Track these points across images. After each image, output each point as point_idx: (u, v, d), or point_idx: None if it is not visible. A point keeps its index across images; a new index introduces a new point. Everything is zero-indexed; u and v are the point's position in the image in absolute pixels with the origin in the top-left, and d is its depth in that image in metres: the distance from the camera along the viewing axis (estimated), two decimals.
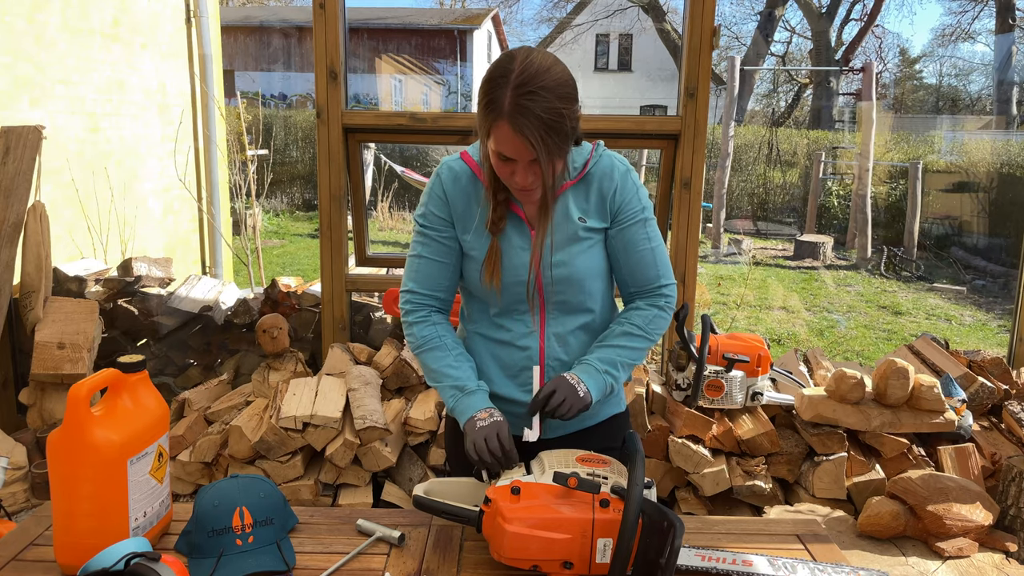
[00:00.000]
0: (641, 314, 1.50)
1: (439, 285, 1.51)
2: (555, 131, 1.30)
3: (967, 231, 11.27)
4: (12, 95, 4.25)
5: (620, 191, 1.46)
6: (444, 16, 24.33)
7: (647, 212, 1.49)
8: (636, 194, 1.47)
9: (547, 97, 1.28)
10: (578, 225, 1.45)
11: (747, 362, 2.76)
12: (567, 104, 1.31)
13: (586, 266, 1.46)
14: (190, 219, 6.23)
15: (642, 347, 1.49)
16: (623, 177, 1.47)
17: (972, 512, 2.44)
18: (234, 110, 7.13)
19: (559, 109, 1.29)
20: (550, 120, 1.28)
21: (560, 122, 1.30)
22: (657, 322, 1.49)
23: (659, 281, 1.50)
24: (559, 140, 1.31)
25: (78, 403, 1.25)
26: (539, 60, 1.31)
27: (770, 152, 13.80)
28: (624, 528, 1.19)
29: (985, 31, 24.33)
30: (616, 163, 1.48)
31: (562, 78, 1.32)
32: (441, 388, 1.48)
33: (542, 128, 1.28)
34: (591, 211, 1.46)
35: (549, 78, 1.29)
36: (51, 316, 3.29)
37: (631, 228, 1.47)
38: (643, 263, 1.49)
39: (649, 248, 1.48)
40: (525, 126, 1.28)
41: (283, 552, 1.35)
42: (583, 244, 1.46)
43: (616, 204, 1.46)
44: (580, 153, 1.47)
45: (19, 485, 2.96)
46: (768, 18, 19.14)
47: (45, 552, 1.38)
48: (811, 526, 1.54)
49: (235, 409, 3.02)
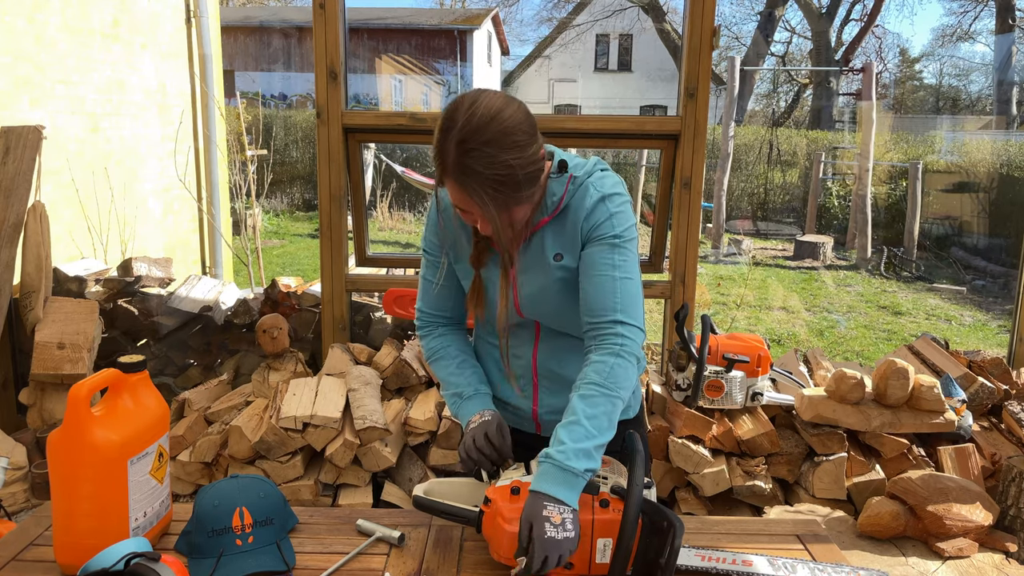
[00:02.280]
0: (596, 368, 1.30)
1: (444, 305, 1.55)
2: (505, 184, 1.23)
3: (967, 231, 11.27)
4: (12, 95, 4.25)
5: (589, 216, 1.35)
6: (444, 16, 24.33)
7: (621, 239, 1.35)
8: (608, 219, 1.35)
9: (490, 152, 1.21)
10: (553, 265, 1.38)
11: (747, 362, 2.76)
12: (517, 153, 1.23)
13: (562, 304, 1.41)
14: (190, 219, 6.23)
15: (608, 410, 1.28)
16: (594, 204, 1.35)
17: (972, 512, 2.44)
18: (234, 110, 7.13)
19: (506, 162, 1.22)
20: (496, 176, 1.22)
21: (509, 174, 1.22)
22: (617, 372, 1.29)
23: (612, 315, 1.32)
24: (510, 191, 1.24)
25: (78, 403, 1.25)
26: (484, 108, 1.22)
27: (770, 152, 13.81)
28: (624, 528, 1.19)
29: (985, 31, 24.35)
30: (591, 190, 1.36)
31: (510, 125, 1.23)
32: (446, 396, 1.52)
33: (488, 185, 1.22)
34: (568, 246, 1.38)
35: (494, 128, 1.21)
36: (51, 316, 3.29)
37: (595, 249, 1.35)
38: (600, 290, 1.33)
39: (610, 276, 1.33)
40: (468, 184, 1.23)
41: (283, 552, 1.35)
42: (559, 284, 1.39)
43: (586, 230, 1.36)
44: (560, 183, 1.37)
45: (19, 485, 2.96)
46: (768, 18, 19.14)
47: (45, 552, 1.38)
48: (811, 526, 1.54)
49: (235, 409, 3.02)
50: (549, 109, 24.85)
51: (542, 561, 1.19)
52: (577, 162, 1.41)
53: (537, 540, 1.19)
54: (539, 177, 1.30)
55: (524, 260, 1.41)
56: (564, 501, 1.21)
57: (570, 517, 1.20)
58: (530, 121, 1.28)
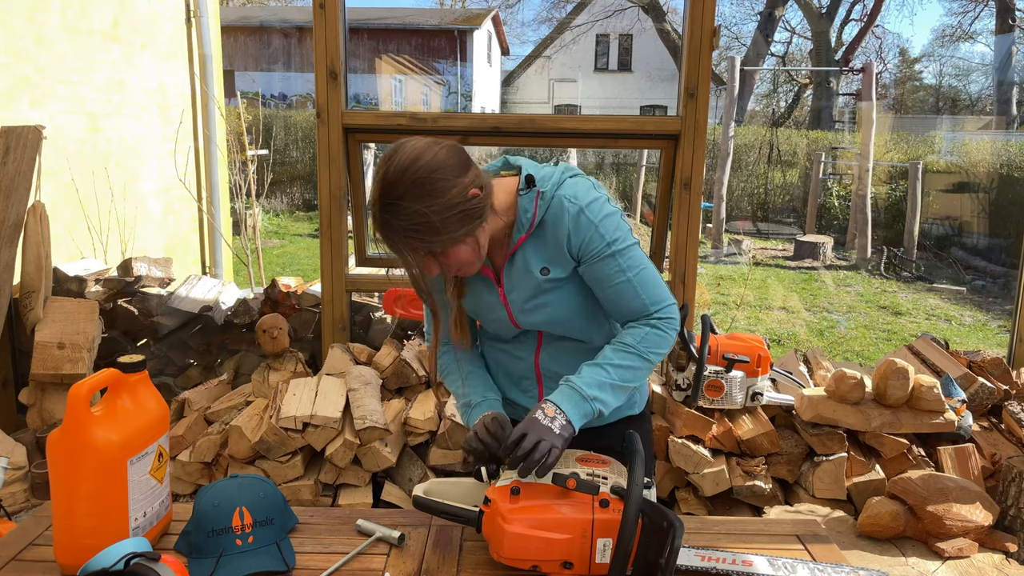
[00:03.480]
0: (632, 332, 1.39)
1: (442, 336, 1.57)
2: (421, 232, 1.25)
3: (967, 231, 11.27)
4: (12, 95, 4.25)
5: (574, 235, 1.35)
6: (444, 16, 24.34)
7: (616, 244, 1.36)
8: (595, 232, 1.35)
9: (405, 206, 1.23)
10: (541, 278, 1.40)
11: (747, 362, 2.76)
12: (432, 200, 1.23)
13: (561, 312, 1.43)
14: (190, 219, 6.23)
15: (635, 365, 1.37)
16: (574, 220, 1.34)
17: (972, 512, 2.44)
18: (234, 110, 7.13)
19: (422, 211, 1.23)
20: (414, 226, 1.24)
21: (424, 222, 1.24)
22: (651, 339, 1.38)
23: (644, 312, 1.39)
24: (429, 237, 1.26)
25: (78, 403, 1.25)
26: (398, 161, 1.24)
27: (770, 152, 13.82)
28: (624, 528, 1.19)
29: (985, 31, 24.35)
30: (566, 204, 1.35)
31: (422, 174, 1.24)
32: (458, 408, 1.56)
33: (409, 237, 1.26)
34: (553, 259, 1.39)
35: (408, 180, 1.23)
36: (51, 316, 3.29)
37: (598, 265, 1.37)
38: (623, 296, 1.38)
39: (625, 280, 1.37)
40: (388, 238, 1.27)
41: (283, 552, 1.35)
42: (552, 294, 1.41)
43: (575, 248, 1.37)
44: (530, 198, 1.37)
45: (19, 485, 2.96)
46: (768, 18, 19.15)
47: (45, 552, 1.38)
48: (811, 526, 1.54)
49: (235, 409, 3.02)
50: (549, 109, 24.86)
51: (522, 437, 1.28)
52: (544, 174, 1.40)
53: (527, 420, 1.31)
54: (476, 212, 1.29)
55: (511, 279, 1.43)
56: (564, 411, 1.31)
57: (563, 422, 1.31)
58: (455, 159, 1.27)
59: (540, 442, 1.27)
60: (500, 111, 25.30)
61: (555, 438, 1.29)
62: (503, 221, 1.38)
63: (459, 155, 1.29)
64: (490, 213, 1.33)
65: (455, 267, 1.35)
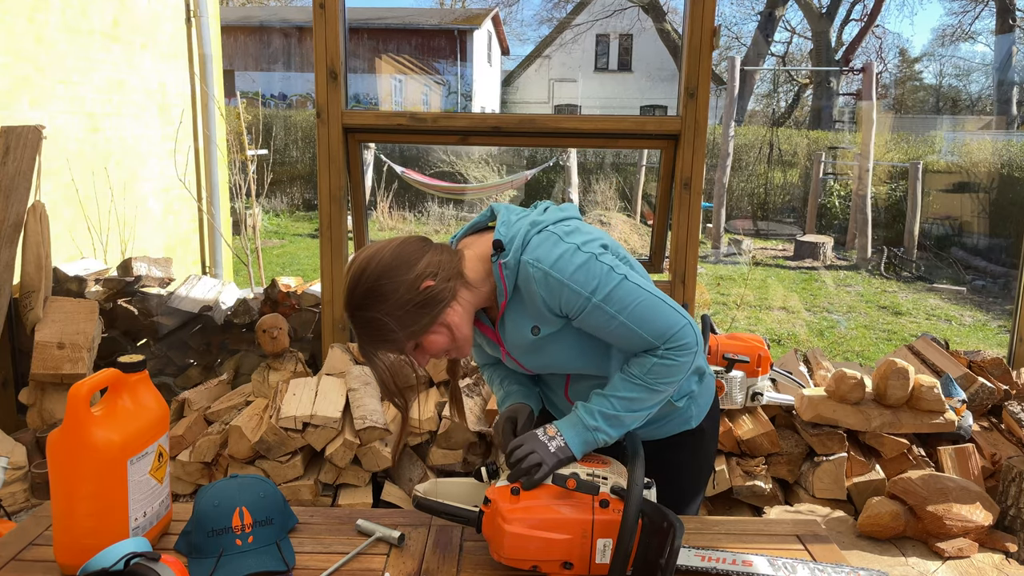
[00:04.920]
0: (640, 363, 1.34)
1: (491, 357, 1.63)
2: (388, 332, 1.30)
3: (967, 231, 11.27)
4: (12, 95, 4.24)
5: (549, 298, 1.31)
6: (444, 16, 24.34)
7: (597, 295, 1.29)
8: (568, 290, 1.29)
9: (360, 316, 1.31)
10: (533, 337, 1.39)
11: (747, 362, 2.76)
12: (384, 302, 1.28)
13: (563, 359, 1.42)
14: (190, 219, 6.23)
15: (640, 396, 1.33)
16: (543, 284, 1.30)
17: (972, 512, 2.44)
18: (234, 110, 7.12)
19: (377, 317, 1.29)
20: (376, 332, 1.31)
21: (385, 325, 1.29)
22: (657, 370, 1.32)
23: (652, 344, 1.32)
24: (382, 337, 1.31)
25: (78, 403, 1.25)
26: (351, 275, 1.31)
27: (770, 152, 13.81)
28: (624, 528, 1.19)
29: (985, 31, 24.35)
30: (531, 270, 1.30)
31: (371, 280, 1.29)
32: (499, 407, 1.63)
33: (375, 341, 1.33)
34: (539, 319, 1.36)
35: (359, 292, 1.30)
36: (51, 316, 3.29)
37: (586, 318, 1.32)
38: (623, 338, 1.33)
39: (619, 323, 1.30)
40: (364, 349, 1.35)
41: (283, 552, 1.35)
42: (550, 347, 1.40)
43: (555, 308, 1.33)
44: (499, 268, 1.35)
45: (19, 485, 2.96)
46: (768, 18, 19.15)
47: (45, 552, 1.38)
48: (811, 526, 1.54)
49: (235, 409, 3.02)
50: (549, 109, 24.85)
51: (517, 447, 1.33)
52: (512, 232, 1.34)
53: (529, 432, 1.36)
54: (433, 301, 1.31)
55: (507, 337, 1.44)
56: (564, 436, 1.34)
57: (560, 444, 1.33)
58: (402, 257, 1.31)
59: (531, 454, 1.31)
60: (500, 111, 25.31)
61: (548, 456, 1.31)
62: (485, 289, 1.37)
63: (407, 250, 1.32)
64: (465, 289, 1.35)
65: (438, 354, 1.37)
